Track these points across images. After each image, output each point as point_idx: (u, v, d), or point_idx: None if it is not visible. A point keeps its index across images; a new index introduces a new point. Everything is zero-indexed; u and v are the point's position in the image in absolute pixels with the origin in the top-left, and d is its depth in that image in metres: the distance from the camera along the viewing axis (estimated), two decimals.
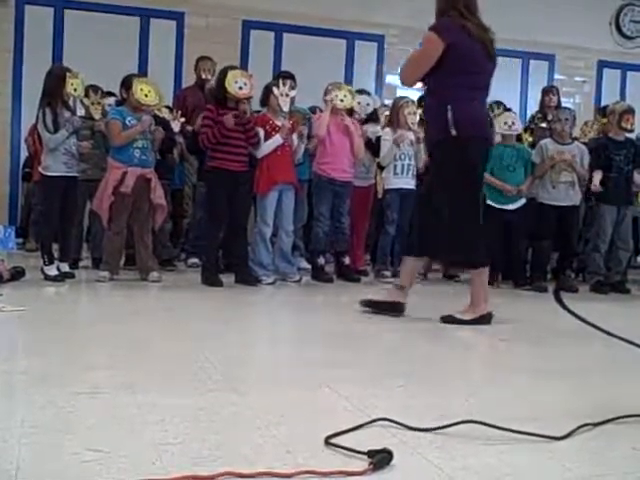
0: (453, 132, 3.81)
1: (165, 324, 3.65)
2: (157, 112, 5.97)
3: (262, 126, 5.42)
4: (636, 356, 2.52)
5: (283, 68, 7.78)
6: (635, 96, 8.90)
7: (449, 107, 3.80)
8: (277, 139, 5.38)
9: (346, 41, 9.32)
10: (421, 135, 5.96)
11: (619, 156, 5.98)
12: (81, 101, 5.68)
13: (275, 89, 5.44)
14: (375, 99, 6.33)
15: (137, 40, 8.65)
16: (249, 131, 5.27)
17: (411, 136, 5.99)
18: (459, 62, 3.83)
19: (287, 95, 5.46)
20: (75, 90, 5.23)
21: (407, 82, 4.11)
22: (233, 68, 5.36)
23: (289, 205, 5.58)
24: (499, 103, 7.12)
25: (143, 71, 8.03)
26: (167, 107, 6.59)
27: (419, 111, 6.02)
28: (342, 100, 5.71)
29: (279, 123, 5.44)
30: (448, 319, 3.93)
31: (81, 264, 5.89)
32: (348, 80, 8.55)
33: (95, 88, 5.94)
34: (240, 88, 5.15)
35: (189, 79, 7.64)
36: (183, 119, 6.32)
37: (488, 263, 4.06)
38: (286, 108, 5.48)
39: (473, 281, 4.08)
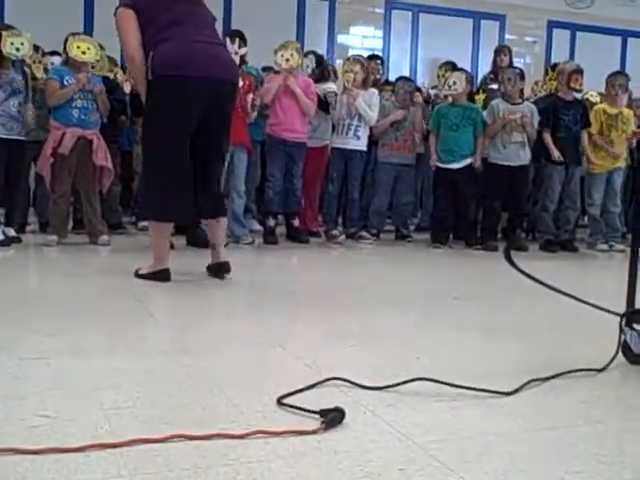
0: (149, 77, 3.62)
1: (114, 288, 3.59)
2: (108, 74, 5.86)
3: None
4: (584, 312, 2.57)
5: (233, 27, 7.66)
6: (584, 56, 8.98)
7: (150, 54, 3.61)
8: None
9: (297, 0, 9.21)
10: (354, 93, 5.95)
11: (568, 116, 6.03)
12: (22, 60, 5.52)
13: None
14: (311, 59, 6.26)
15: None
16: None
17: (344, 96, 5.99)
18: (145, 13, 3.65)
19: (236, 53, 5.37)
20: (17, 50, 5.08)
21: (130, 59, 3.71)
22: None
23: (240, 166, 5.54)
24: (448, 63, 7.13)
25: (89, 31, 7.83)
26: (121, 68, 6.44)
27: (356, 68, 5.99)
28: (288, 60, 5.64)
29: None
30: (135, 273, 3.82)
31: (28, 228, 5.78)
32: (300, 39, 8.46)
33: (36, 47, 5.78)
34: None
35: None
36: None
37: (166, 219, 3.75)
38: None
39: (150, 235, 3.86)
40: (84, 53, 5.13)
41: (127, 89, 6.14)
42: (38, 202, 5.92)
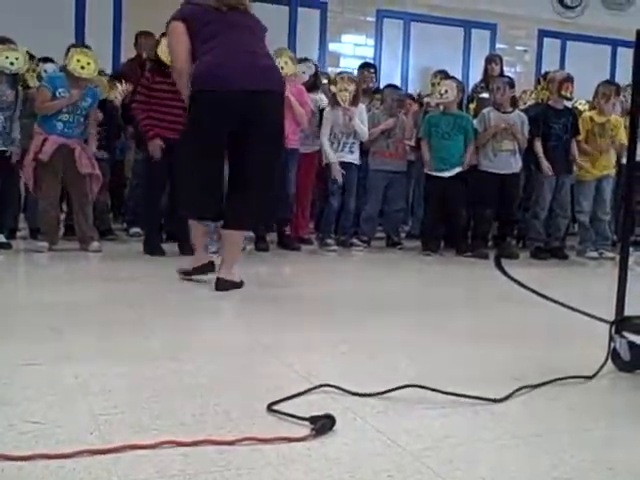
0: (190, 89, 3.78)
1: (104, 294, 3.59)
2: (108, 98, 5.85)
3: None
4: (573, 320, 2.58)
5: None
6: (574, 65, 9.03)
7: (193, 67, 3.76)
8: None
9: (289, 8, 9.23)
10: (350, 113, 5.95)
11: (558, 124, 6.05)
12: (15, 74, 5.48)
13: None
14: (310, 66, 6.24)
15: (73, 9, 8.42)
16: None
17: (340, 115, 5.98)
18: (193, 25, 3.75)
19: None
20: (12, 64, 5.08)
21: (178, 72, 3.84)
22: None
23: None
24: (442, 72, 7.15)
25: (80, 37, 7.84)
26: (120, 79, 6.41)
27: (351, 87, 5.98)
28: (282, 67, 5.63)
29: None
30: (181, 272, 4.04)
31: (18, 234, 5.76)
32: (291, 48, 8.47)
33: (30, 55, 5.76)
34: None
35: (128, 49, 7.44)
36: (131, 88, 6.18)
37: (193, 216, 3.96)
38: None
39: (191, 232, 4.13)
40: (83, 68, 5.03)
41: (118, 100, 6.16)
42: (29, 208, 5.90)
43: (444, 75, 6.88)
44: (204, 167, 3.79)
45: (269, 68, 3.81)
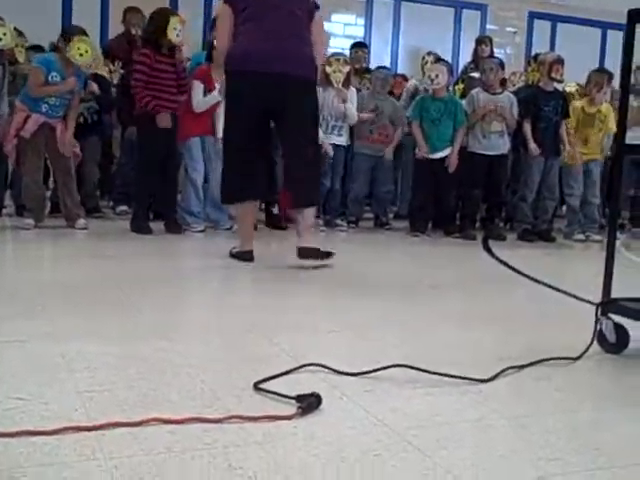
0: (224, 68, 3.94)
1: (91, 271, 3.57)
2: (98, 71, 5.81)
3: (202, 79, 5.31)
4: (560, 301, 2.58)
5: (214, 14, 7.59)
6: (565, 47, 9.00)
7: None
8: (215, 96, 5.25)
9: None
10: (343, 95, 5.92)
11: (548, 107, 6.04)
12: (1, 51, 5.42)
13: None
14: None
15: None
16: (182, 79, 5.18)
17: (330, 97, 5.95)
18: (236, 7, 3.87)
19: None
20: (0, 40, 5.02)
21: (220, 54, 3.99)
22: (172, 13, 5.23)
23: (219, 154, 5.50)
24: (431, 53, 7.12)
25: (67, 21, 7.77)
26: (108, 55, 6.38)
27: (345, 69, 5.95)
28: None
29: (217, 84, 5.27)
30: (230, 252, 4.08)
31: (4, 212, 5.71)
32: None
33: (19, 32, 5.69)
34: (177, 35, 5.02)
35: (116, 25, 7.36)
36: (122, 70, 6.15)
37: (234, 200, 4.08)
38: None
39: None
40: (81, 55, 5.02)
41: (116, 80, 6.14)
42: (14, 185, 5.86)
43: (436, 57, 6.85)
44: (240, 148, 3.90)
45: (299, 55, 3.88)
